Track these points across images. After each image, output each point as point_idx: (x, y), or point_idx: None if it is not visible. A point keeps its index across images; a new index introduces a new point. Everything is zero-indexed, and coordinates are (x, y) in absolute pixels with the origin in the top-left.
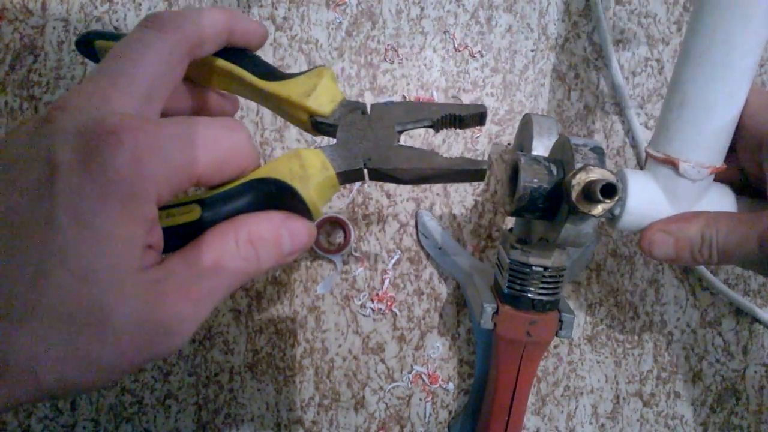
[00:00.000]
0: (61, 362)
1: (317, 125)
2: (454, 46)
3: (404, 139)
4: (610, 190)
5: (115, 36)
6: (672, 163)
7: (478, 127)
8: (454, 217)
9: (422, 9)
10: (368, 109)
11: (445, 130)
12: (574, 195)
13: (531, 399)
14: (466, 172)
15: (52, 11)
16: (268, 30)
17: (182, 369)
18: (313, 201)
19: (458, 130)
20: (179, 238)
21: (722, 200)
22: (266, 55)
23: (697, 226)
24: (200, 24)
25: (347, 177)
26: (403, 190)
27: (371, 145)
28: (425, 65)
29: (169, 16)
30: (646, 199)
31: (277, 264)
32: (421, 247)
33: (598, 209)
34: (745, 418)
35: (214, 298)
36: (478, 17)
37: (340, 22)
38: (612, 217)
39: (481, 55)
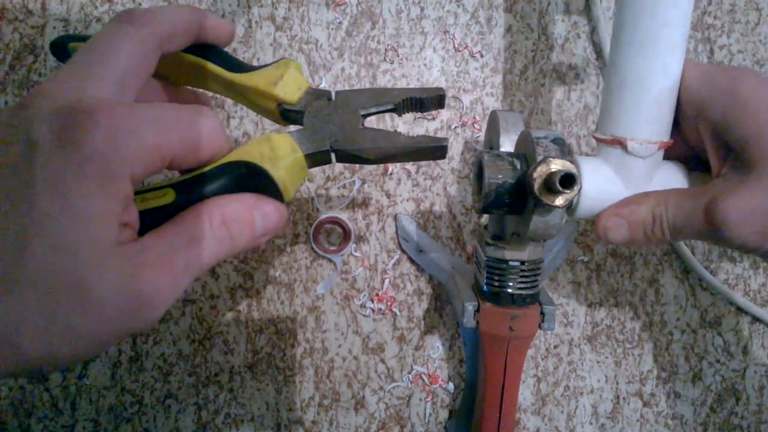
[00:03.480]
0: (42, 333)
1: (285, 113)
2: (454, 46)
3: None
4: (569, 180)
5: (87, 38)
6: (620, 143)
7: (477, 126)
8: (454, 217)
9: (422, 9)
10: (333, 96)
11: (409, 113)
12: (536, 187)
13: (531, 399)
14: (428, 149)
15: (52, 11)
16: (236, 28)
17: (182, 369)
18: (284, 182)
19: (458, 130)
20: (154, 220)
21: (674, 176)
22: (266, 55)
23: (646, 206)
24: (170, 19)
25: (315, 159)
26: (403, 190)
27: (337, 128)
28: (425, 65)
29: (140, 12)
30: (599, 183)
31: (251, 244)
32: (402, 250)
33: (560, 200)
34: (745, 418)
35: (189, 273)
36: (478, 17)
37: (340, 22)
38: (570, 206)
39: (481, 55)
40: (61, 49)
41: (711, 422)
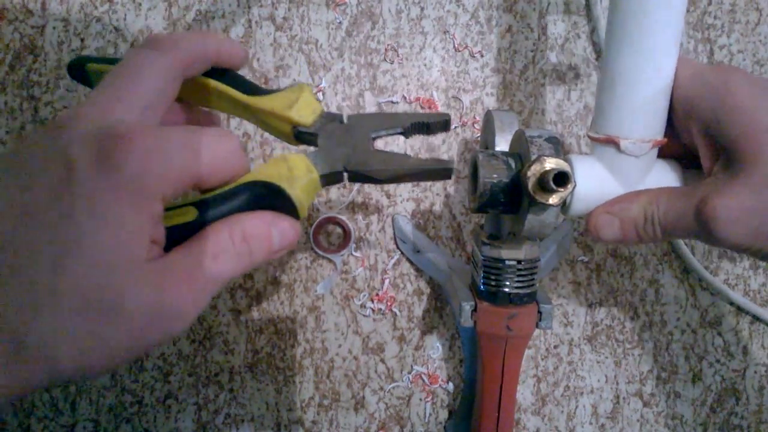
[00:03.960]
0: (77, 346)
1: (299, 135)
2: (454, 46)
3: (381, 145)
4: (563, 179)
5: (105, 60)
6: (613, 142)
7: (477, 126)
8: (454, 217)
9: (422, 9)
10: (345, 119)
11: (416, 135)
12: (530, 186)
13: (531, 399)
14: (435, 171)
15: (52, 11)
16: (248, 52)
17: (182, 369)
18: (300, 200)
19: (458, 130)
20: (177, 236)
21: (668, 175)
22: (266, 55)
23: (639, 204)
24: (192, 46)
25: (329, 179)
26: (403, 190)
27: (349, 150)
28: (425, 65)
29: (164, 38)
30: (593, 181)
31: (267, 259)
32: (400, 251)
33: (555, 198)
34: (745, 418)
35: (213, 288)
36: (478, 17)
37: (340, 22)
38: (564, 204)
39: (481, 55)
40: (79, 70)
41: (711, 422)
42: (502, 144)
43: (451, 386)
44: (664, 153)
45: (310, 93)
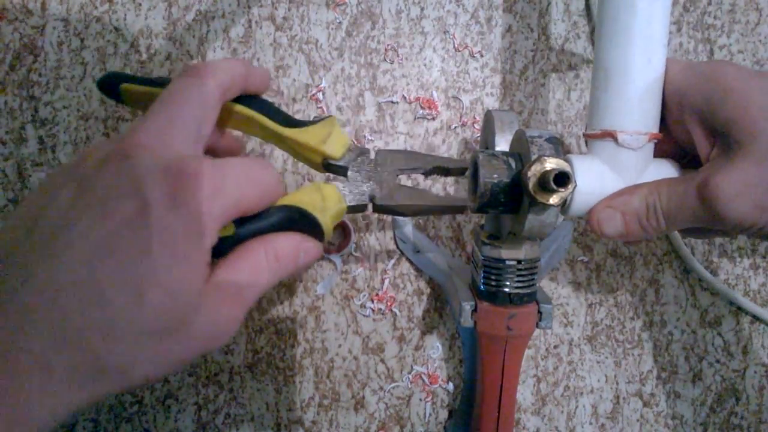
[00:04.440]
0: (149, 363)
1: (329, 166)
2: (454, 46)
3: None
4: (563, 179)
5: (141, 80)
6: (610, 135)
7: (477, 126)
8: (454, 217)
9: (422, 9)
10: (372, 154)
11: (438, 177)
12: (530, 186)
13: (531, 399)
14: (453, 207)
15: (52, 11)
16: (270, 78)
17: (182, 369)
18: (328, 227)
19: (458, 130)
20: (218, 249)
21: (666, 170)
22: (266, 55)
23: (640, 195)
24: (229, 72)
25: (355, 209)
26: None
27: (376, 184)
28: (425, 65)
29: (203, 66)
30: (593, 179)
31: (292, 275)
32: (400, 251)
33: (555, 198)
34: (745, 418)
35: (251, 302)
36: (478, 17)
37: (339, 22)
38: (563, 205)
39: (481, 55)
40: (112, 88)
41: (711, 422)
42: (502, 144)
43: (451, 386)
44: (658, 153)
45: (339, 127)
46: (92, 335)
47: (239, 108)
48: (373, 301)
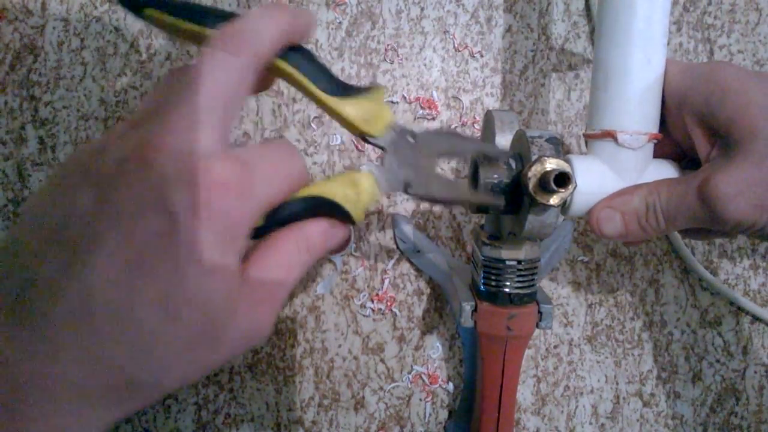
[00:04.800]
0: (182, 373)
1: (368, 140)
2: (454, 46)
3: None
4: (564, 179)
5: (162, 3)
6: (610, 135)
7: (477, 126)
8: (454, 217)
9: (422, 9)
10: (414, 135)
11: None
12: (530, 187)
13: (530, 399)
14: (486, 204)
15: (51, 11)
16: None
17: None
18: (360, 218)
19: (458, 130)
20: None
21: (666, 170)
22: None
23: (639, 195)
24: (269, 35)
25: (388, 195)
26: None
27: (412, 171)
28: (425, 65)
29: (237, 34)
30: (593, 178)
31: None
32: (400, 251)
33: (555, 199)
34: (745, 418)
35: (283, 301)
36: (478, 17)
37: (339, 22)
38: (563, 205)
39: (481, 55)
40: (134, 8)
41: (711, 422)
42: (502, 144)
43: (451, 386)
44: (658, 155)
45: (383, 103)
46: (126, 355)
47: (279, 63)
48: (373, 301)
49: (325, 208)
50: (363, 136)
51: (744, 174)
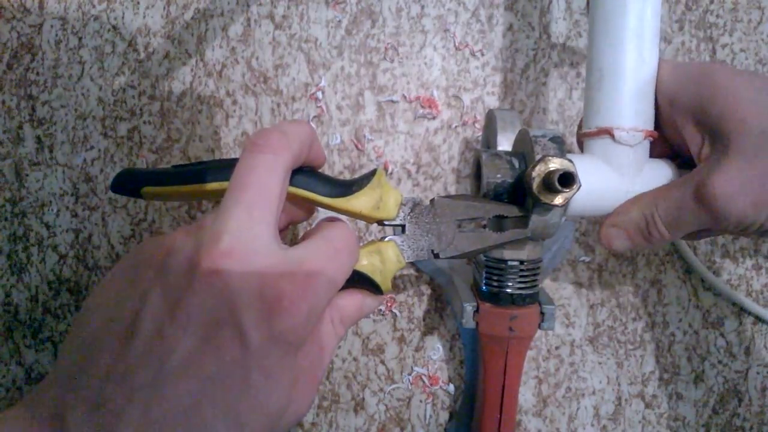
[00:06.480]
0: None
1: (384, 225)
2: (455, 45)
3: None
4: (568, 179)
5: (157, 178)
6: (607, 132)
7: (478, 126)
8: None
9: (422, 7)
10: (427, 203)
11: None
12: (534, 187)
13: (532, 401)
14: (513, 241)
15: (49, 10)
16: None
17: None
18: (388, 287)
19: (458, 130)
20: None
21: (663, 169)
22: (265, 53)
23: (637, 209)
24: (299, 141)
25: (414, 262)
26: (403, 190)
27: (435, 238)
28: (425, 64)
29: (274, 137)
30: (591, 177)
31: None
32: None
33: (560, 199)
34: (747, 419)
35: (322, 379)
36: (479, 15)
37: (339, 21)
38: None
39: (482, 54)
40: (131, 191)
41: (713, 424)
42: (504, 143)
43: (451, 388)
44: (653, 156)
45: (387, 183)
46: None
47: (293, 189)
48: None
49: (354, 278)
50: (380, 223)
51: (739, 171)
